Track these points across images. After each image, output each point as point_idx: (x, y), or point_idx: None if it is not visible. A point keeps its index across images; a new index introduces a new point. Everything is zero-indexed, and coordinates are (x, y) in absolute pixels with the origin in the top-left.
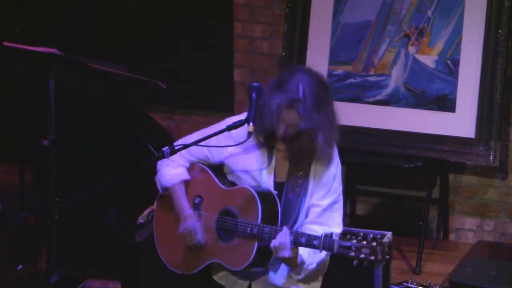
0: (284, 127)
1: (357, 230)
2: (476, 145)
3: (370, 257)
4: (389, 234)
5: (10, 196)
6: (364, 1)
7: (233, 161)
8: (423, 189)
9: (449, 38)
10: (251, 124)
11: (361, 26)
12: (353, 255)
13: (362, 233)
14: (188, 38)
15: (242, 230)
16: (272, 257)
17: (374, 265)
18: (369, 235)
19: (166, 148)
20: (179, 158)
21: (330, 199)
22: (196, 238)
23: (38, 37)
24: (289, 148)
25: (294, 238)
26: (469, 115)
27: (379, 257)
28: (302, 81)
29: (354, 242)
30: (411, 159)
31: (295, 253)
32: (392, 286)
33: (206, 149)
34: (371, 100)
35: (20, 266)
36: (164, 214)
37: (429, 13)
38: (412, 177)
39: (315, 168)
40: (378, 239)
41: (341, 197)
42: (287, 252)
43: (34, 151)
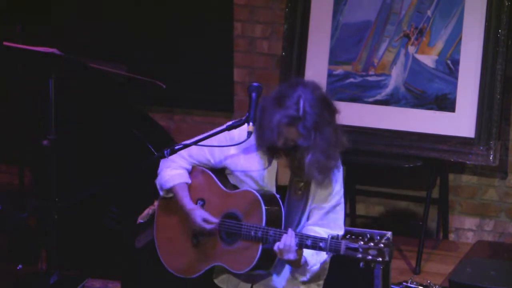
0: (283, 140)
1: (357, 230)
2: (476, 145)
3: (378, 258)
4: (389, 234)
5: (10, 196)
6: (364, 1)
7: (235, 164)
8: (423, 189)
9: (449, 38)
10: (251, 124)
11: (361, 26)
12: (360, 256)
13: (368, 234)
14: (188, 38)
15: (246, 233)
16: (276, 259)
17: (380, 266)
18: (375, 236)
19: (166, 149)
20: (181, 160)
21: (332, 202)
22: (210, 221)
23: (38, 37)
24: (289, 159)
25: (300, 241)
26: (469, 115)
27: (386, 258)
28: (303, 97)
29: (361, 243)
30: (411, 159)
31: (300, 255)
32: (392, 286)
33: (208, 151)
34: (371, 100)
35: (20, 266)
36: (165, 218)
37: (429, 13)
38: (412, 177)
39: None
40: (386, 240)
41: (342, 199)
42: (292, 255)
43: (34, 151)
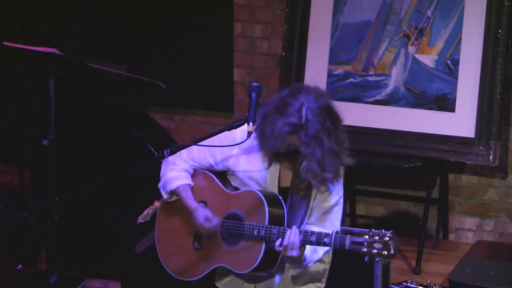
0: (286, 146)
1: (357, 229)
2: (476, 145)
3: (383, 252)
4: (389, 234)
5: (10, 196)
6: (364, 1)
7: (237, 166)
8: (423, 189)
9: (448, 38)
10: (251, 124)
11: (361, 26)
12: (366, 250)
13: (373, 229)
14: (188, 38)
15: (248, 232)
16: (279, 259)
17: (386, 260)
18: (381, 230)
19: (166, 149)
20: (183, 164)
21: (331, 202)
22: (212, 221)
23: (38, 37)
24: (291, 161)
25: (304, 237)
26: (469, 115)
27: (391, 252)
28: (305, 105)
29: (366, 237)
30: (411, 159)
31: (302, 253)
32: (392, 286)
33: (209, 154)
34: (370, 100)
35: (20, 266)
36: (166, 220)
37: (429, 13)
38: (412, 177)
39: None
40: (391, 234)
41: (342, 200)
42: (295, 252)
43: (34, 151)
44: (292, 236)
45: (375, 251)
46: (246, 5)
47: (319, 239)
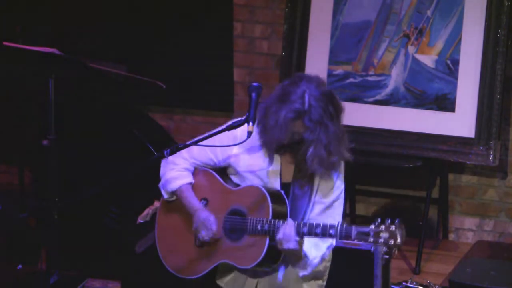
0: (290, 135)
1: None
2: (476, 145)
3: (389, 241)
4: (395, 222)
5: (10, 196)
6: (364, 1)
7: (238, 163)
8: (423, 189)
9: (448, 38)
10: (251, 124)
11: (361, 26)
12: (372, 240)
13: (379, 218)
14: (188, 38)
15: (252, 227)
16: (282, 254)
17: (392, 250)
18: (386, 220)
19: (166, 149)
20: (183, 162)
21: (332, 197)
22: (212, 229)
23: (38, 37)
24: (293, 153)
25: (309, 229)
26: (469, 115)
27: (398, 241)
28: (308, 91)
29: (372, 227)
30: (411, 159)
31: (301, 246)
32: (392, 286)
33: (210, 151)
34: (370, 100)
35: (20, 266)
36: (167, 220)
37: (429, 13)
38: (412, 177)
39: None
40: (397, 223)
41: (342, 194)
42: (292, 244)
43: (34, 151)
44: (288, 228)
45: (381, 240)
46: (246, 5)
47: (325, 231)
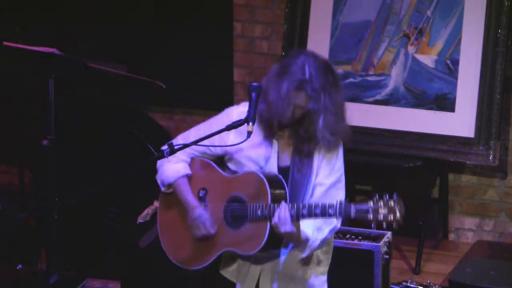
0: (292, 109)
1: (356, 229)
2: (476, 145)
3: (389, 217)
4: (388, 234)
5: (10, 196)
6: (363, 1)
7: (235, 148)
8: (423, 189)
9: (448, 38)
10: (250, 123)
11: (361, 26)
12: (371, 217)
13: (377, 194)
14: (188, 38)
15: (252, 213)
16: (284, 240)
17: (393, 225)
18: (384, 196)
19: (165, 148)
20: (180, 153)
21: (333, 178)
22: (205, 227)
23: (38, 37)
24: (292, 133)
25: (308, 211)
26: (469, 115)
27: (397, 215)
28: (307, 62)
29: (371, 204)
30: (411, 159)
31: (297, 227)
32: (392, 286)
33: (207, 140)
34: (370, 100)
35: (20, 266)
36: (168, 212)
37: (429, 13)
38: (412, 177)
39: (319, 149)
40: (395, 197)
41: (343, 177)
42: (288, 227)
43: (34, 151)
44: (282, 211)
45: (381, 217)
46: (246, 5)
47: (324, 211)
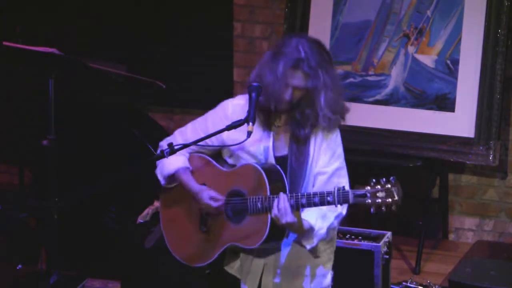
0: (290, 91)
1: (356, 229)
2: (476, 145)
3: (387, 199)
4: (389, 234)
5: (10, 196)
6: (363, 1)
7: (231, 141)
8: (423, 189)
9: (448, 38)
10: (250, 123)
11: (361, 26)
12: (370, 202)
13: (374, 179)
14: (188, 38)
15: (253, 206)
16: (286, 231)
17: (392, 208)
18: (381, 179)
19: (166, 148)
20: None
21: (335, 165)
22: (219, 200)
23: (38, 37)
24: (289, 117)
25: (307, 200)
26: (469, 115)
27: (395, 198)
28: (300, 43)
29: (368, 188)
30: (410, 159)
31: (298, 217)
32: (392, 286)
33: (203, 132)
34: (370, 100)
35: (20, 266)
36: (170, 210)
37: (429, 13)
38: (412, 177)
39: (316, 134)
40: (392, 181)
41: (344, 163)
42: (289, 217)
43: (34, 151)
44: (281, 202)
45: (379, 200)
46: (246, 5)
47: (322, 199)
